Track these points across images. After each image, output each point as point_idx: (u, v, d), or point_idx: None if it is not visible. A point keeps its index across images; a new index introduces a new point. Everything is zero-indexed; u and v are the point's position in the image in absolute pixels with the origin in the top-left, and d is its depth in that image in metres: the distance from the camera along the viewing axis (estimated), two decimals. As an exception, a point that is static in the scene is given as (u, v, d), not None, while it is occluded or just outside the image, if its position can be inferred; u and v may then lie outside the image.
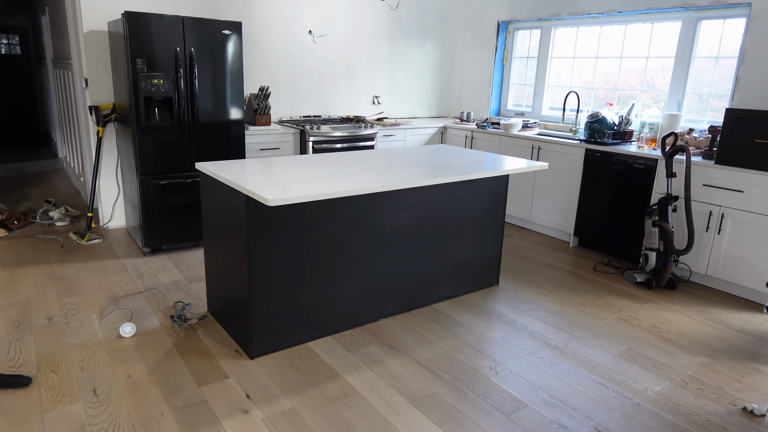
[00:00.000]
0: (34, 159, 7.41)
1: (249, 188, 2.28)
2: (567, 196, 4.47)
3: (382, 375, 2.51)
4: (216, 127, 3.98)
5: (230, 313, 2.77)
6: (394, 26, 5.62)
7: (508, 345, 2.83)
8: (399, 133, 5.20)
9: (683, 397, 2.43)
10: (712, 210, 3.56)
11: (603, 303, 3.40)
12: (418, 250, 3.09)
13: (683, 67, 4.24)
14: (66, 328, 2.84)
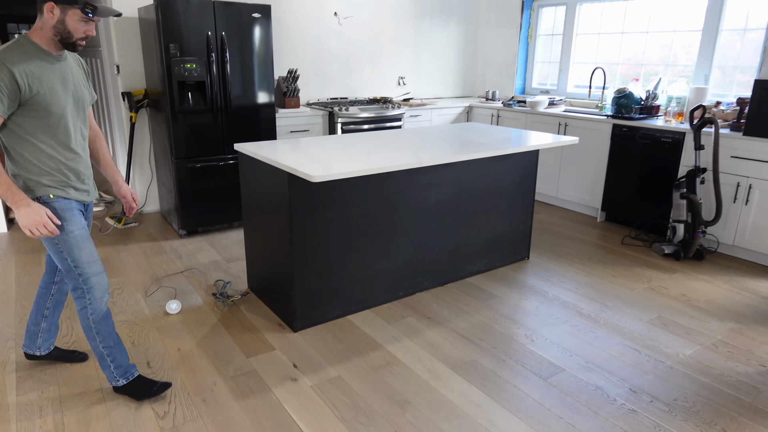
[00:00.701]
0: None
1: (292, 166, 2.37)
2: (594, 172, 4.50)
3: (422, 344, 2.61)
4: (247, 110, 4.07)
5: (272, 289, 2.88)
6: (418, 6, 5.63)
7: (542, 315, 2.92)
8: (425, 114, 5.25)
9: (714, 359, 2.50)
10: (740, 181, 3.57)
11: (632, 274, 3.46)
12: (451, 225, 3.17)
13: (710, 40, 4.21)
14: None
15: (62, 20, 1.78)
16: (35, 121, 1.83)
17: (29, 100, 1.79)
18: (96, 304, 2.03)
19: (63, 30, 1.80)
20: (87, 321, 2.04)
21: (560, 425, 2.05)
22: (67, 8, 1.77)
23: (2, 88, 1.72)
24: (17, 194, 1.80)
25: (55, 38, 1.82)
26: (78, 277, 1.98)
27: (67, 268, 1.97)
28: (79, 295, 2.01)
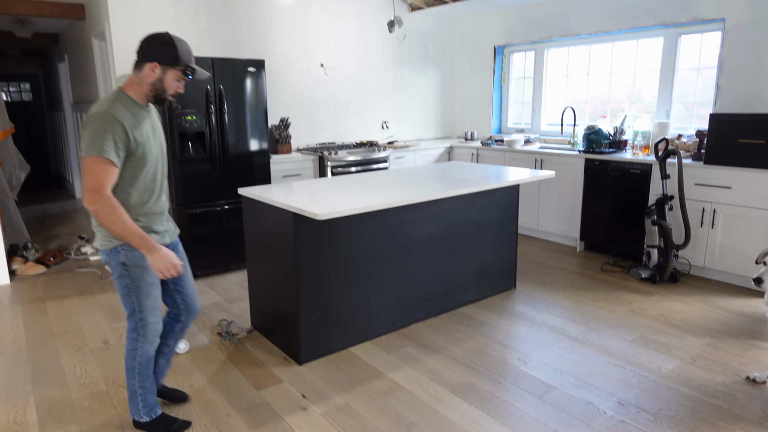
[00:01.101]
0: (52, 200, 7.70)
1: (297, 206, 2.57)
2: (571, 204, 4.79)
3: (422, 371, 2.77)
4: (243, 157, 4.29)
5: (276, 325, 3.03)
6: (397, 56, 6.01)
7: (532, 339, 3.10)
8: (409, 155, 5.53)
9: (693, 372, 2.70)
10: (704, 206, 3.87)
11: (613, 298, 3.68)
12: (443, 257, 3.38)
13: (668, 78, 4.61)
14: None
15: (161, 78, 1.97)
16: (132, 170, 1.97)
17: (134, 151, 1.94)
18: (146, 347, 2.14)
19: (159, 87, 1.98)
20: (133, 361, 2.14)
21: (556, 437, 2.21)
22: (168, 69, 1.96)
23: (117, 141, 1.87)
24: (148, 241, 1.95)
25: (150, 93, 1.99)
26: (139, 321, 2.10)
27: (131, 310, 2.09)
28: (134, 337, 2.12)
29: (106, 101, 1.93)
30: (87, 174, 1.88)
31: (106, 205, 1.87)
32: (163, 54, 1.95)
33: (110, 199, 1.89)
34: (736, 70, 4.07)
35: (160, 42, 1.96)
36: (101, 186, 1.87)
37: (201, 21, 4.71)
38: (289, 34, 5.21)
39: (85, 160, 1.87)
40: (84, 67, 5.77)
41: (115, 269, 2.05)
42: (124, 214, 1.91)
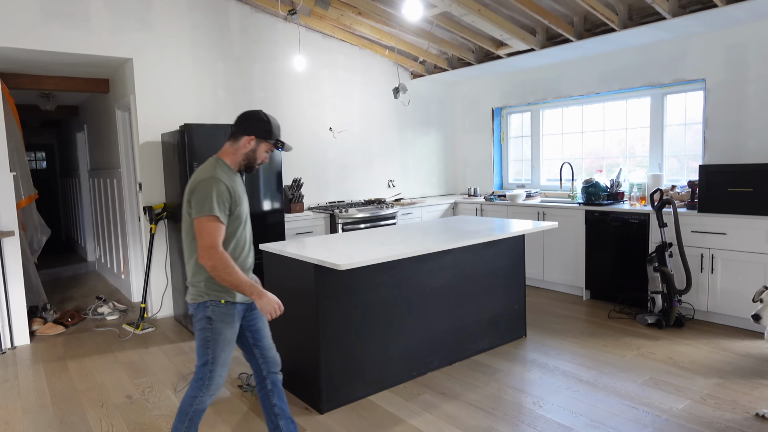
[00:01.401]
0: (64, 264, 7.85)
1: (318, 258, 2.75)
2: (574, 254, 4.95)
3: (441, 416, 2.84)
4: (260, 216, 4.50)
5: (296, 375, 3.12)
6: (401, 119, 6.37)
7: (546, 384, 3.19)
8: (416, 211, 5.76)
9: (704, 410, 2.78)
10: (703, 252, 4.04)
11: (622, 343, 3.78)
12: (455, 306, 3.51)
13: (658, 134, 4.91)
14: (146, 403, 3.16)
15: (254, 150, 2.21)
16: (230, 228, 2.16)
17: (233, 210, 2.15)
18: (205, 398, 2.21)
19: (252, 157, 2.22)
20: (189, 408, 2.20)
21: (576, 475, 2.27)
22: (261, 141, 2.21)
23: (224, 201, 2.08)
24: (258, 287, 2.11)
25: (242, 162, 2.22)
26: (209, 372, 2.18)
27: (204, 361, 2.19)
28: (199, 386, 2.19)
29: (209, 168, 2.15)
30: (201, 233, 2.06)
31: (222, 260, 2.05)
32: (259, 128, 2.20)
33: (224, 254, 2.07)
34: (720, 125, 4.36)
35: (257, 118, 2.22)
36: (215, 243, 2.05)
37: (219, 92, 5.07)
38: (300, 101, 5.56)
39: (198, 221, 2.06)
40: (104, 136, 6.10)
41: (199, 321, 2.19)
42: (236, 267, 2.08)
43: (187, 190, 2.15)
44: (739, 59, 4.22)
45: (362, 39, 5.80)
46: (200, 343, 2.20)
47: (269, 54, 5.34)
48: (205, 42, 4.96)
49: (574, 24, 4.60)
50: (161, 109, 4.76)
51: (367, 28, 5.29)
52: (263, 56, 5.30)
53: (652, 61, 4.76)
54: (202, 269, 2.17)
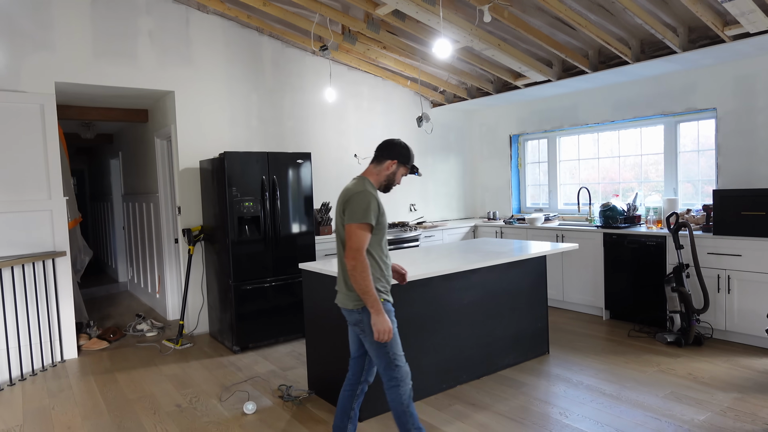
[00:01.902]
0: (96, 285, 8.14)
1: (359, 276, 2.97)
2: (593, 275, 5.13)
3: (473, 425, 3.02)
4: (292, 238, 4.76)
5: (335, 386, 3.33)
6: (422, 146, 6.66)
7: (571, 396, 3.36)
8: (437, 234, 5.99)
9: (724, 422, 2.93)
10: (719, 273, 4.21)
11: (642, 360, 3.94)
12: (481, 323, 3.71)
13: (672, 160, 5.12)
14: (195, 411, 3.38)
15: (394, 172, 2.54)
16: (376, 236, 2.45)
17: (379, 221, 2.44)
18: (406, 389, 2.42)
19: (392, 178, 2.56)
20: (402, 406, 2.41)
21: (604, 477, 2.44)
22: (400, 166, 2.55)
23: (374, 212, 2.38)
24: (379, 303, 2.35)
25: (383, 182, 2.55)
26: (395, 368, 2.41)
27: (387, 363, 2.42)
28: (394, 384, 2.41)
29: (360, 184, 2.47)
30: (352, 237, 2.35)
31: (363, 264, 2.32)
32: (400, 154, 2.54)
33: (366, 260, 2.34)
34: (732, 152, 4.57)
35: (399, 145, 2.56)
36: (362, 247, 2.34)
37: (252, 121, 5.39)
38: (327, 129, 5.88)
39: (351, 226, 2.36)
40: (141, 163, 6.44)
41: (369, 325, 2.40)
42: (370, 275, 2.35)
43: (340, 202, 2.46)
44: (748, 89, 4.45)
45: (385, 71, 6.13)
46: (375, 345, 2.41)
47: (298, 85, 5.67)
48: (240, 75, 5.30)
49: (589, 57, 4.88)
50: (199, 137, 5.08)
51: (391, 60, 5.62)
52: (293, 87, 5.64)
53: (664, 91, 5.01)
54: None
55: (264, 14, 4.99)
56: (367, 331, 2.42)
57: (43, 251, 4.36)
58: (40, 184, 4.37)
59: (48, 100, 4.37)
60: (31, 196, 4.32)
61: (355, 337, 2.61)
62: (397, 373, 2.42)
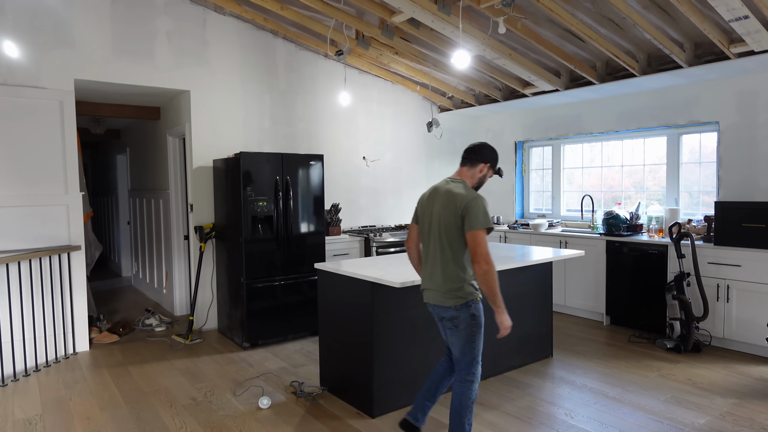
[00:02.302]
0: (99, 279, 8.20)
1: (376, 276, 3.08)
2: (595, 282, 5.26)
3: (483, 423, 3.13)
4: (303, 238, 4.86)
5: (347, 383, 3.43)
6: (429, 150, 6.77)
7: (575, 398, 3.47)
8: (443, 237, 6.10)
9: (724, 426, 3.05)
10: (719, 283, 4.34)
11: (643, 365, 4.06)
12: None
13: (674, 171, 5.26)
14: (210, 405, 3.47)
15: (485, 175, 2.70)
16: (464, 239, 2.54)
17: None
18: (476, 388, 2.59)
19: (482, 180, 2.71)
20: (468, 401, 2.57)
21: (610, 475, 2.56)
22: (490, 169, 2.71)
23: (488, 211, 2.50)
24: (502, 303, 2.48)
25: (476, 184, 2.69)
26: (476, 365, 2.57)
27: (471, 358, 2.56)
28: (470, 379, 2.57)
29: (466, 188, 2.60)
30: (480, 242, 2.44)
31: (493, 267, 2.42)
32: (491, 158, 2.71)
33: (493, 262, 2.45)
34: (734, 165, 4.71)
35: (490, 149, 2.73)
36: (488, 251, 2.44)
37: (265, 122, 5.49)
38: (336, 132, 5.98)
39: (477, 232, 2.44)
40: (151, 160, 6.52)
41: (464, 321, 2.54)
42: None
43: (450, 206, 2.53)
44: (750, 104, 4.59)
45: (396, 75, 6.24)
46: (466, 340, 2.55)
47: (310, 88, 5.77)
48: (254, 76, 5.40)
49: (597, 68, 5.00)
50: (213, 136, 5.17)
51: (402, 66, 5.73)
52: (304, 90, 5.73)
53: (668, 104, 5.14)
54: (461, 274, 2.54)
55: (280, 17, 5.08)
56: (460, 327, 2.55)
57: (58, 245, 4.44)
58: (57, 179, 4.44)
59: (67, 97, 4.45)
60: (48, 191, 4.39)
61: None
62: (476, 369, 2.59)
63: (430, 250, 2.64)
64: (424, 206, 2.71)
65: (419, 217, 2.75)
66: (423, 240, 2.72)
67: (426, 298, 2.68)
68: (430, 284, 2.64)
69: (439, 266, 2.58)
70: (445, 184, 2.66)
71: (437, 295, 2.60)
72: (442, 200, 2.58)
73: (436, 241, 2.60)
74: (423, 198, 2.76)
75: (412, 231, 2.82)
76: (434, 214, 2.60)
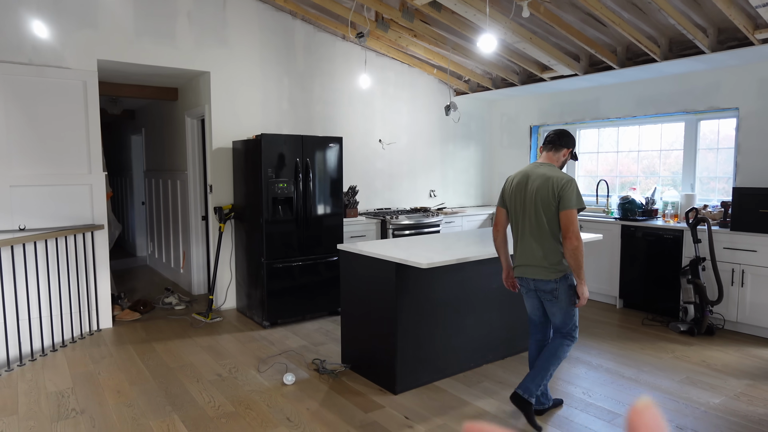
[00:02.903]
0: (114, 258, 8.32)
1: (401, 257, 3.15)
2: (609, 266, 5.31)
3: (502, 400, 3.22)
4: (321, 219, 4.92)
5: (370, 361, 3.52)
6: (444, 133, 6.79)
7: (591, 378, 3.55)
8: (457, 220, 6.15)
9: (738, 405, 3.13)
10: (734, 268, 4.39)
11: (657, 347, 4.14)
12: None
13: (691, 156, 5.27)
14: (236, 380, 3.57)
15: (566, 159, 2.98)
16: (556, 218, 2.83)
17: None
18: (570, 350, 2.95)
19: (564, 164, 2.99)
20: (560, 354, 2.90)
21: (630, 451, 2.64)
22: (569, 153, 2.97)
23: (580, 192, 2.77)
24: (584, 275, 2.76)
25: (558, 167, 2.94)
26: (575, 329, 2.91)
27: (571, 324, 2.89)
28: (568, 342, 2.91)
29: (557, 170, 2.86)
30: (573, 221, 2.72)
31: (582, 242, 2.71)
32: (572, 144, 2.99)
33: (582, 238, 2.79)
34: (752, 151, 4.72)
35: (570, 136, 2.98)
36: (578, 229, 2.73)
37: (283, 104, 5.52)
38: (353, 115, 6.00)
39: (571, 212, 2.73)
40: (167, 140, 6.57)
41: (564, 291, 2.82)
42: None
43: (543, 187, 2.79)
44: (770, 91, 4.58)
45: (413, 58, 6.24)
46: (565, 309, 2.86)
47: (328, 70, 5.79)
48: (273, 58, 5.42)
49: (617, 53, 4.99)
50: (232, 118, 5.21)
51: (420, 49, 5.72)
52: (322, 72, 5.75)
53: (688, 89, 5.14)
54: (558, 250, 2.80)
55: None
56: (560, 297, 2.83)
57: (82, 224, 4.52)
58: (81, 159, 4.51)
59: (90, 77, 4.49)
60: (73, 170, 4.46)
61: (538, 305, 3.00)
62: (576, 333, 2.92)
63: (526, 229, 2.88)
64: (515, 190, 2.94)
65: (509, 201, 3.00)
66: (515, 220, 2.96)
67: (522, 273, 2.92)
68: (529, 260, 2.87)
69: (538, 243, 2.83)
70: (536, 168, 2.90)
71: (537, 270, 2.84)
72: (538, 182, 2.81)
73: (533, 220, 2.84)
74: (511, 182, 2.99)
75: (500, 215, 3.06)
76: (529, 196, 2.84)
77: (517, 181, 2.95)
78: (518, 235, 2.94)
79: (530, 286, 2.92)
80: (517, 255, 2.96)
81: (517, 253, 2.96)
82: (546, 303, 2.89)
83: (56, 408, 3.16)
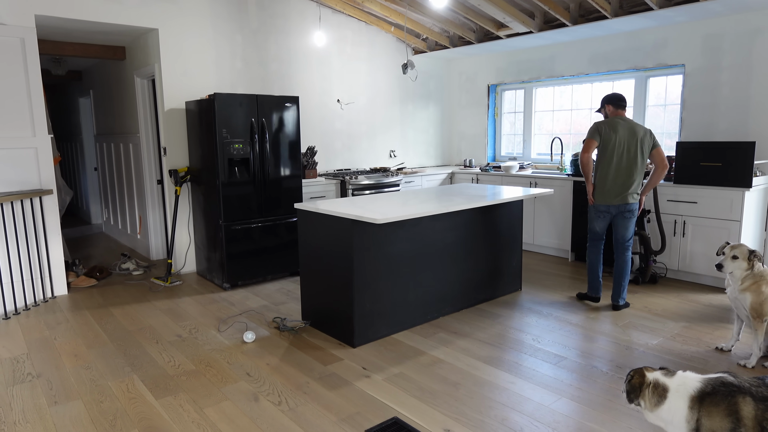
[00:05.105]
0: (68, 227, 8.09)
1: (357, 214, 3.19)
2: (562, 221, 5.50)
3: (456, 349, 3.36)
4: (280, 180, 4.90)
5: (328, 317, 3.59)
6: (403, 93, 6.76)
7: (541, 326, 3.73)
8: (417, 179, 6.21)
9: (673, 345, 3.36)
10: (676, 219, 4.62)
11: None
12: (463, 261, 4.01)
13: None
14: (196, 340, 3.60)
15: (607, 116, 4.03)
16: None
17: None
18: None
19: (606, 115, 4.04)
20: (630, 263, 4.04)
21: (571, 390, 2.82)
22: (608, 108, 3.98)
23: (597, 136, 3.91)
24: None
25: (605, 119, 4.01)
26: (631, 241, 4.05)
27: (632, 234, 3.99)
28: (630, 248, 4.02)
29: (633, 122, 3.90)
30: (664, 155, 3.89)
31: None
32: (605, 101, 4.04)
33: None
34: (696, 107, 4.90)
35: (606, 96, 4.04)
36: None
37: (237, 62, 5.38)
38: (310, 74, 5.90)
39: (661, 149, 3.88)
40: (117, 102, 6.33)
41: (637, 210, 3.94)
42: None
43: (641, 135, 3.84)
44: (715, 47, 4.73)
45: (370, 15, 6.13)
46: (633, 223, 3.96)
47: (282, 27, 5.64)
48: (225, 14, 5.24)
49: (570, 10, 5.04)
50: (184, 78, 5.06)
51: (377, 5, 5.63)
52: (277, 30, 5.60)
53: (637, 47, 5.25)
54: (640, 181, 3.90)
55: (250, -48, 4.89)
56: (635, 213, 3.92)
57: (30, 189, 4.37)
58: (24, 121, 4.32)
59: (29, 34, 4.26)
60: (15, 133, 4.28)
61: (607, 224, 4.04)
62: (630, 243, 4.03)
63: (622, 165, 3.83)
64: (610, 134, 3.84)
65: (604, 141, 3.86)
66: (611, 158, 3.85)
67: (614, 201, 3.89)
68: (624, 190, 3.86)
69: (632, 176, 3.84)
70: (623, 121, 3.86)
71: (628, 197, 3.86)
72: (630, 131, 3.83)
73: (630, 158, 3.83)
74: (605, 129, 3.87)
75: (591, 145, 3.90)
76: (624, 141, 3.81)
77: (609, 129, 3.85)
78: (614, 171, 3.85)
79: (616, 210, 3.91)
80: (612, 186, 3.87)
81: (614, 185, 3.87)
82: (624, 221, 3.90)
83: (11, 373, 3.13)
